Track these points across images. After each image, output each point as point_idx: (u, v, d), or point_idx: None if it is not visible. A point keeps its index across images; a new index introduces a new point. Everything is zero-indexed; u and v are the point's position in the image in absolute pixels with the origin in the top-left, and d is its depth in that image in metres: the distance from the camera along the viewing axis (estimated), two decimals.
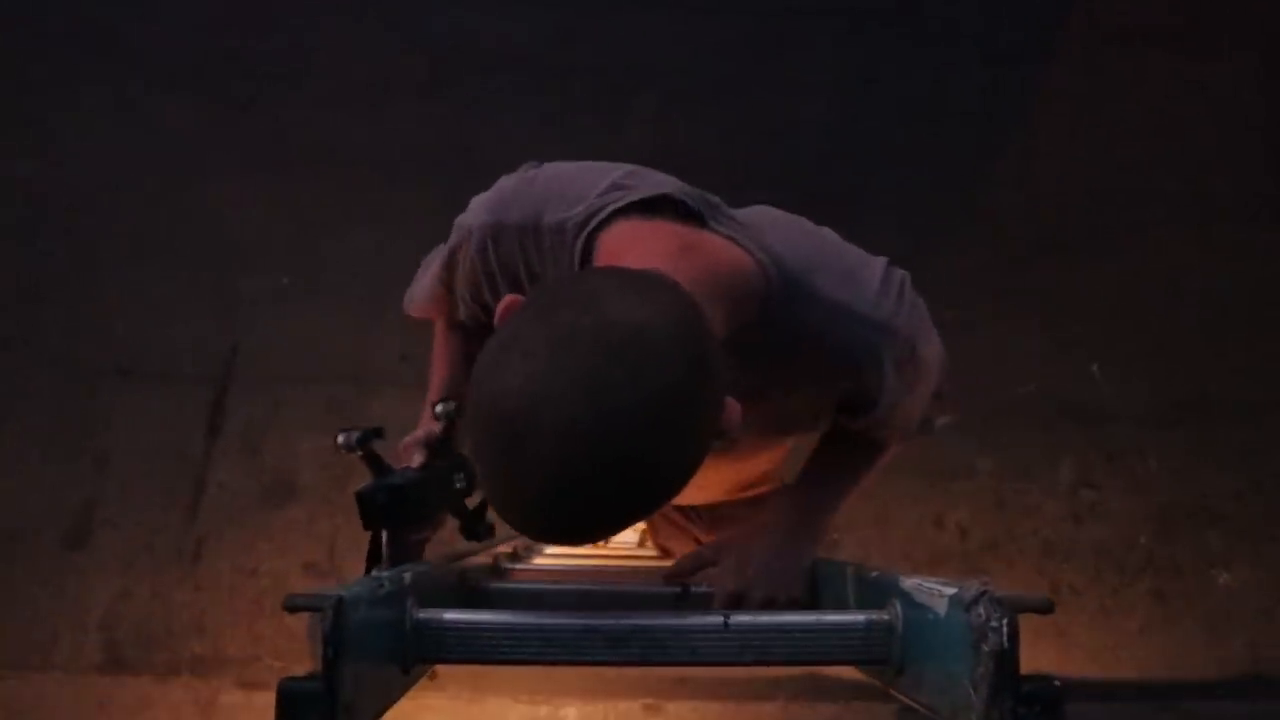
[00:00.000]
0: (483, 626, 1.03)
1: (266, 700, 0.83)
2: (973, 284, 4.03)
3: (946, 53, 4.29)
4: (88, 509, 3.84)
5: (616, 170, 1.31)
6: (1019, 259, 4.07)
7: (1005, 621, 0.83)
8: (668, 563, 1.61)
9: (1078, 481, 3.87)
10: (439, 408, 1.28)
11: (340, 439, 1.22)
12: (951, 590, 0.93)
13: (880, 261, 1.37)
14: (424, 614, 1.03)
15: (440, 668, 1.15)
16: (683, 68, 4.26)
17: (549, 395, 0.85)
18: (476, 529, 1.31)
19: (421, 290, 1.61)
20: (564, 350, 0.87)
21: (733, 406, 0.98)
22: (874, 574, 1.16)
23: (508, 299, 1.02)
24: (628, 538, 2.88)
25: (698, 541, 1.87)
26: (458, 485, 1.27)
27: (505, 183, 1.41)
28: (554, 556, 1.90)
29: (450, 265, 1.44)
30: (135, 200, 4.10)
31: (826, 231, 1.39)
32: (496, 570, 1.59)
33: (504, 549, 1.81)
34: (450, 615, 1.03)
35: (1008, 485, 3.87)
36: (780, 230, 1.29)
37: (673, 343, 0.90)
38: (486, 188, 1.55)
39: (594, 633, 1.02)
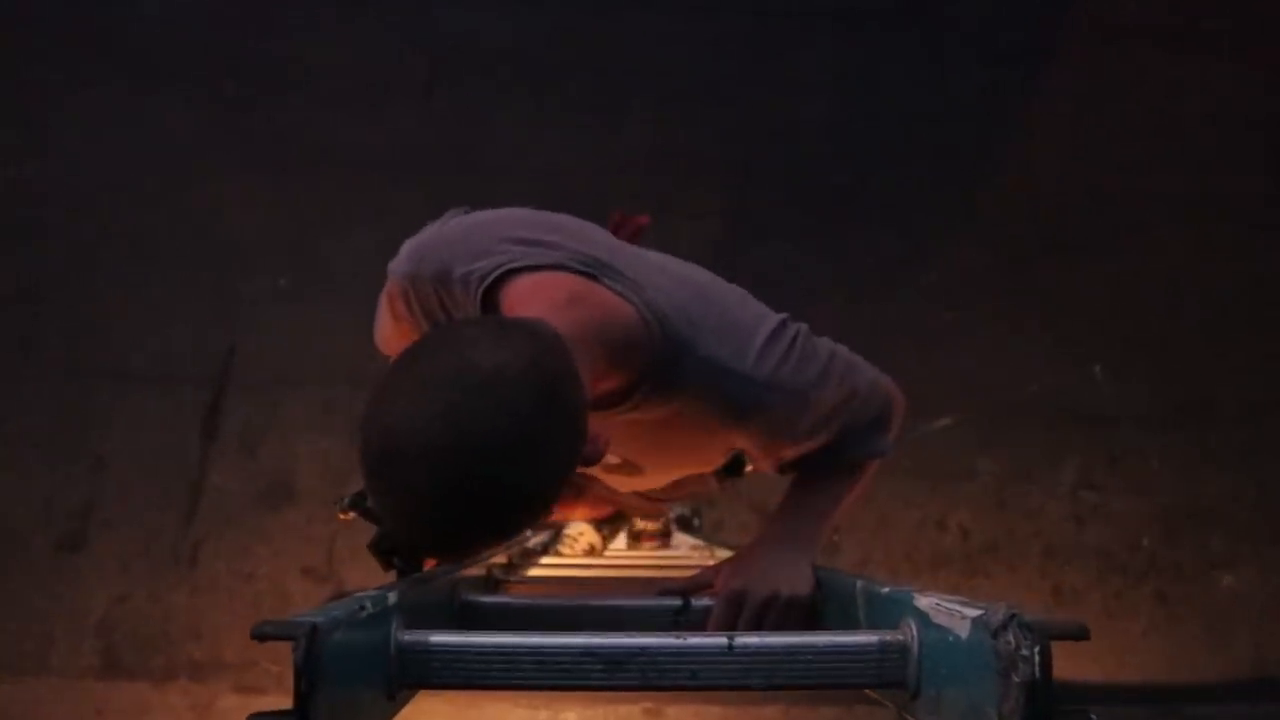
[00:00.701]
0: (473, 649, 0.95)
1: (264, 705, 0.80)
2: (973, 285, 3.97)
3: (946, 53, 4.22)
4: (84, 512, 3.76)
5: (530, 222, 1.41)
6: (1019, 259, 4.00)
7: (1037, 650, 0.75)
8: (664, 565, 1.55)
9: (1079, 483, 3.80)
10: None
11: (339, 506, 1.32)
12: (975, 611, 0.85)
13: (773, 320, 1.38)
14: (409, 636, 0.95)
15: None
16: (681, 67, 4.19)
17: (414, 428, 1.00)
18: None
19: (382, 331, 1.70)
20: (430, 389, 1.02)
21: (596, 439, 1.11)
22: (885, 590, 1.08)
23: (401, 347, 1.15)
24: (619, 541, 2.81)
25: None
26: None
27: (426, 232, 1.50)
28: (547, 567, 1.83)
29: (393, 309, 1.51)
30: (133, 201, 4.03)
31: (726, 289, 1.43)
32: (489, 582, 1.51)
33: (498, 559, 1.73)
34: (438, 638, 0.95)
35: (1009, 487, 3.79)
36: (672, 288, 1.33)
37: (526, 381, 1.02)
38: (486, 187, 1.66)
39: (591, 655, 0.95)
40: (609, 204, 4.10)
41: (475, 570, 1.51)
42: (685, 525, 2.90)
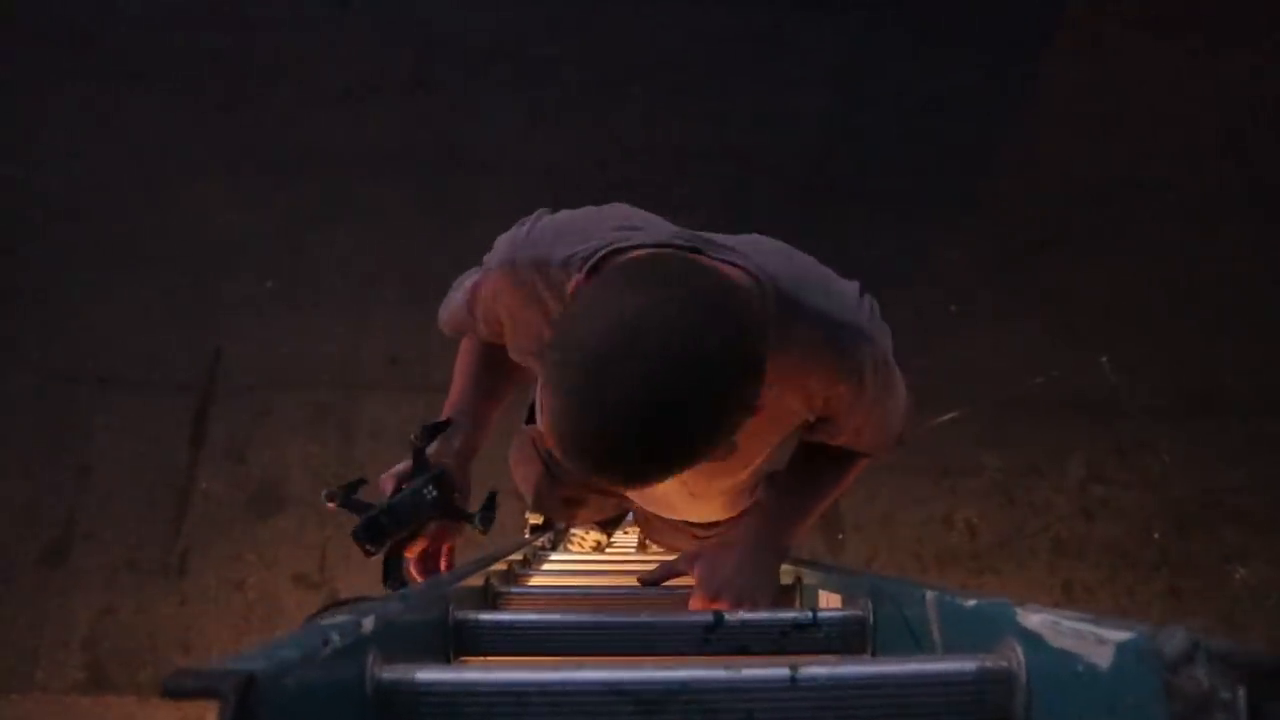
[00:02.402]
0: (471, 690, 0.72)
1: None
2: (977, 277, 3.77)
3: (946, 43, 4.02)
4: (68, 523, 3.53)
5: (622, 215, 1.39)
6: (1023, 251, 3.80)
7: (1242, 694, 0.53)
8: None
9: (1088, 477, 3.58)
10: (412, 436, 1.45)
11: (325, 496, 1.36)
12: (1122, 634, 0.63)
13: (854, 284, 1.42)
14: (390, 674, 0.72)
15: None
16: (675, 60, 3.99)
17: (646, 329, 0.97)
18: (472, 519, 1.45)
19: (451, 314, 1.62)
20: (652, 298, 0.99)
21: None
22: (970, 603, 0.85)
23: (575, 280, 1.18)
24: (628, 541, 2.64)
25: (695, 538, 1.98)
26: (428, 496, 1.39)
27: (523, 224, 1.46)
28: (552, 575, 1.61)
29: (474, 297, 1.50)
30: (114, 204, 3.81)
31: (808, 257, 1.43)
32: (488, 595, 1.28)
33: (498, 566, 1.51)
34: (426, 675, 0.72)
35: (1016, 482, 3.58)
36: (769, 254, 1.33)
37: (741, 307, 1.06)
38: (474, 184, 1.69)
39: (620, 694, 0.72)
40: (603, 199, 3.93)
41: (473, 581, 1.29)
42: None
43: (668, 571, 1.44)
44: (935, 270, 3.76)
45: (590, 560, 2.25)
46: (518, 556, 1.76)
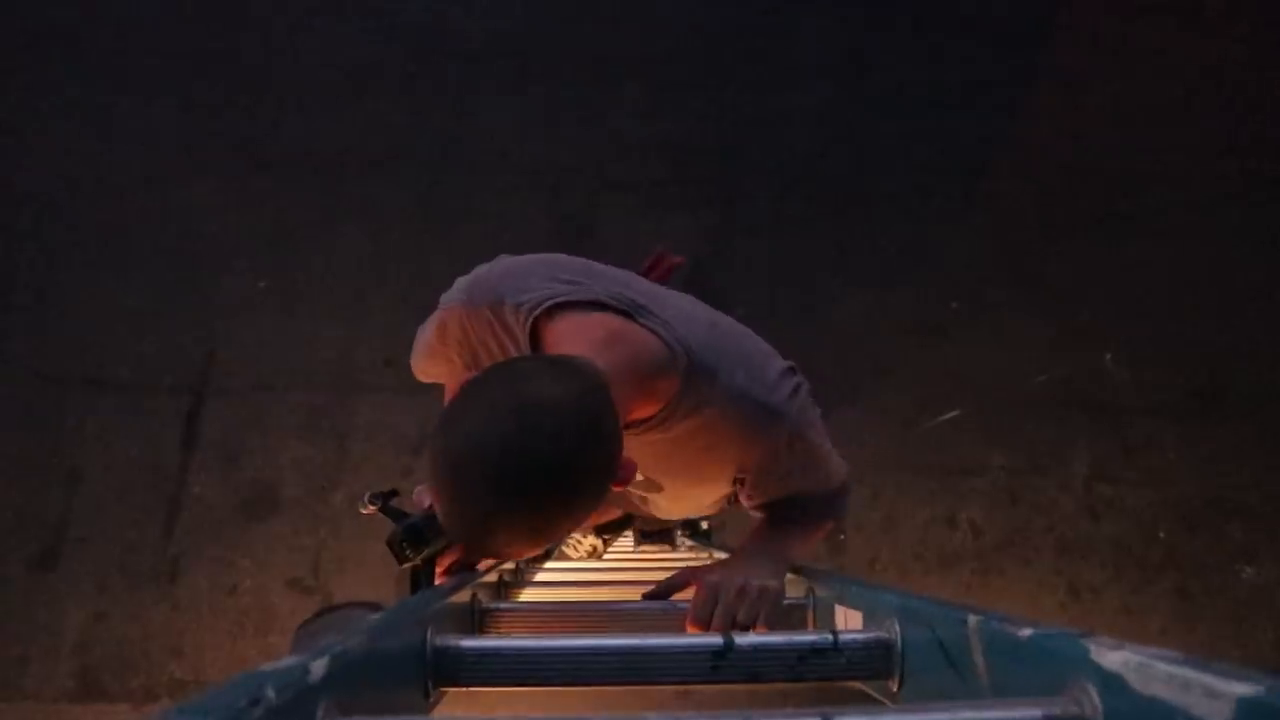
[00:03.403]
0: None
1: None
2: (979, 274, 3.63)
3: (946, 36, 3.88)
4: (59, 527, 3.39)
5: (574, 266, 1.47)
6: (1024, 247, 3.66)
7: None
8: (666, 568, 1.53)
9: (1093, 475, 3.45)
10: None
11: (367, 499, 1.37)
12: (1246, 687, 0.49)
13: (783, 364, 1.48)
14: None
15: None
16: (673, 56, 3.85)
17: (480, 446, 1.06)
18: None
19: (423, 350, 1.66)
20: (494, 414, 1.08)
21: (628, 466, 1.18)
22: (1027, 632, 0.71)
23: (462, 376, 1.34)
24: (623, 542, 2.51)
25: None
26: None
27: (479, 270, 1.54)
28: (545, 588, 1.47)
29: (442, 335, 1.54)
30: (104, 204, 3.66)
31: (740, 328, 1.53)
32: (475, 615, 1.14)
33: (489, 578, 1.37)
34: None
35: (1020, 481, 3.44)
36: (694, 324, 1.41)
37: (573, 414, 1.09)
38: (470, 184, 1.88)
39: None
40: (600, 198, 3.79)
41: (459, 598, 1.15)
42: (692, 526, 2.55)
43: (671, 585, 1.39)
44: (936, 267, 3.62)
45: (586, 570, 2.10)
46: (509, 565, 1.63)
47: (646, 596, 1.40)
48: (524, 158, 3.71)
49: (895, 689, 0.94)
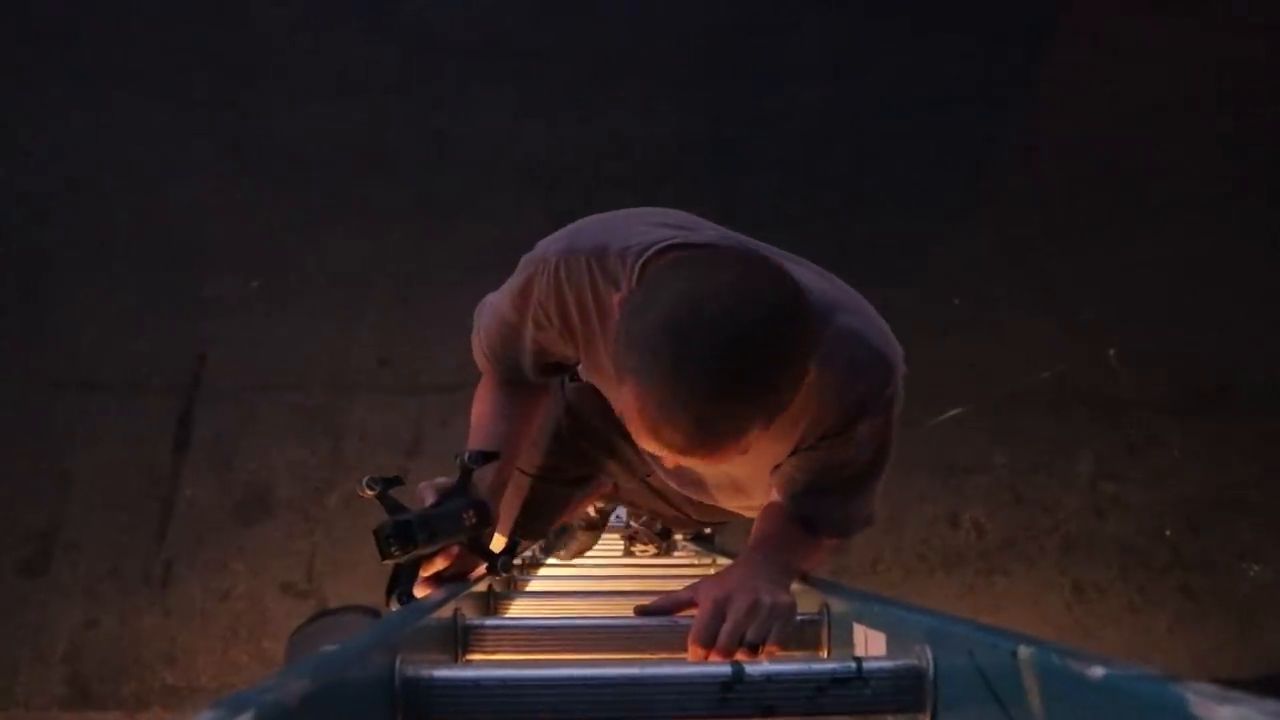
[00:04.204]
0: None
1: None
2: (979, 269, 3.52)
3: (946, 32, 3.76)
4: (49, 532, 3.27)
5: (673, 216, 1.37)
6: (1027, 243, 3.55)
7: None
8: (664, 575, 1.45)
9: (1098, 474, 3.33)
10: (458, 458, 1.32)
11: (366, 482, 1.21)
12: None
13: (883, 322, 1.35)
14: None
15: None
16: (670, 53, 3.73)
17: (700, 306, 1.02)
18: (494, 562, 1.33)
19: (493, 322, 1.47)
20: (705, 287, 1.03)
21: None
22: (1099, 671, 0.58)
23: (630, 269, 1.24)
24: (615, 546, 2.39)
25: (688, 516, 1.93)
26: (467, 523, 1.26)
27: (574, 224, 1.40)
28: (535, 599, 1.35)
29: (524, 295, 1.39)
30: (95, 204, 3.54)
31: (848, 286, 1.39)
32: (458, 634, 1.02)
33: (478, 588, 1.25)
34: None
35: (1024, 479, 3.32)
36: (809, 272, 1.31)
37: (780, 295, 1.06)
38: (464, 182, 2.04)
39: None
40: (596, 196, 3.67)
41: (441, 614, 1.03)
42: (696, 534, 2.42)
43: (671, 602, 1.23)
44: (938, 263, 3.51)
45: (581, 578, 1.98)
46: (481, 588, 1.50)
47: (643, 612, 1.24)
48: (521, 155, 3.60)
49: None
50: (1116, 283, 3.48)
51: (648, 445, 1.09)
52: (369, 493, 1.19)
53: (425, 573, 1.27)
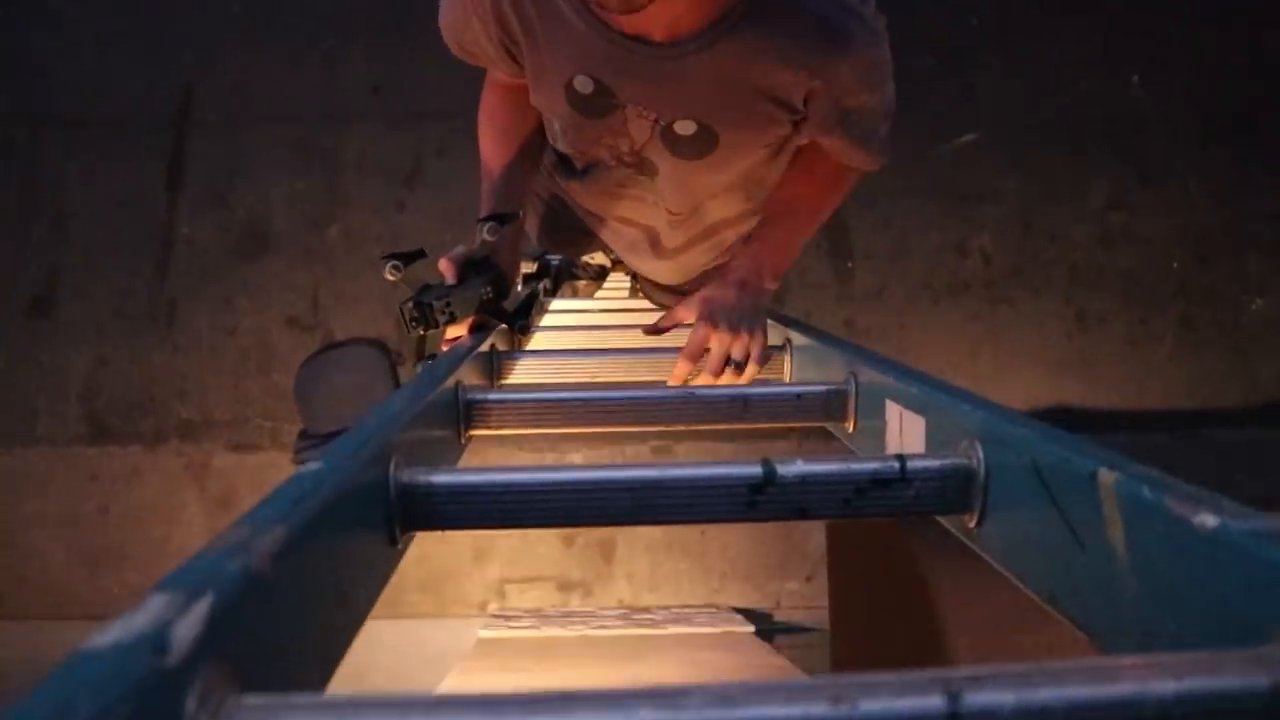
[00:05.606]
0: None
1: (259, 461, 1.21)
2: None
3: None
4: (51, 276, 3.16)
5: None
6: None
7: None
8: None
9: (1109, 204, 3.18)
10: (484, 230, 1.31)
11: (389, 267, 1.19)
12: None
13: None
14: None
15: None
16: None
17: None
18: (512, 324, 1.40)
19: (444, 24, 1.36)
20: None
21: None
22: (1212, 522, 0.47)
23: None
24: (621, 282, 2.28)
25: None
26: (484, 296, 1.29)
27: None
28: (541, 359, 1.25)
29: None
30: None
31: None
32: (459, 408, 0.92)
33: (484, 347, 1.15)
34: None
35: (1035, 208, 3.18)
36: None
37: None
38: None
39: None
40: None
41: (445, 386, 0.92)
42: None
43: (672, 320, 1.35)
44: None
45: (586, 312, 1.91)
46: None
47: (648, 332, 1.36)
48: None
49: (973, 525, 0.72)
50: (1147, 2, 3.20)
51: None
52: (393, 276, 1.20)
53: (447, 337, 1.30)
